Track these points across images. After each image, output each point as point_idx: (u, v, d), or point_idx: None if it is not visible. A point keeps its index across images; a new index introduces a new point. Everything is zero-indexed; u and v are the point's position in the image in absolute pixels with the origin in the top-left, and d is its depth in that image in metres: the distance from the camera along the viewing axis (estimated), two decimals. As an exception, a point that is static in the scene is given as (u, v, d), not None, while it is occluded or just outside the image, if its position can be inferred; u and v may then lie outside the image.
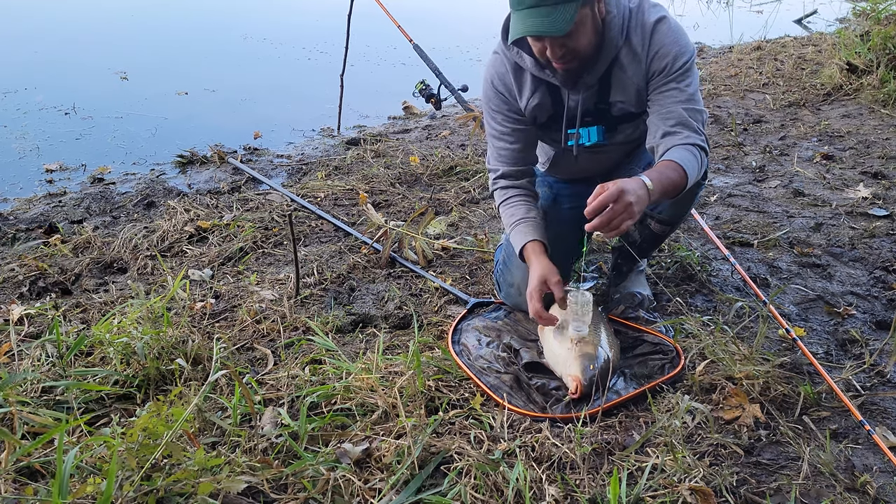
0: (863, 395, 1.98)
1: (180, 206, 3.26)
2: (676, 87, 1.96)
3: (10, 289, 2.58)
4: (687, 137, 1.92)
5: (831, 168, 3.85)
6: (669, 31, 1.95)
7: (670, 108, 1.95)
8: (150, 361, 1.93)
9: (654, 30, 1.94)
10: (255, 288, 2.50)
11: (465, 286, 2.58)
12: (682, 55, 1.95)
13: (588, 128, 2.12)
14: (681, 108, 1.95)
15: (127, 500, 1.40)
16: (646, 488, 1.58)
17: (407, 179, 3.72)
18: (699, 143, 1.93)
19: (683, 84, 1.96)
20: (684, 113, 1.94)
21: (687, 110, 1.95)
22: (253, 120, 4.94)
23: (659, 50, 1.94)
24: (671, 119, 1.95)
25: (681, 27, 1.99)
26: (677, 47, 1.94)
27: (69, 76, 5.85)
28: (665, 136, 1.94)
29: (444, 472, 1.63)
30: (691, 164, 1.86)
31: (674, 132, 1.93)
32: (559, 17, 1.76)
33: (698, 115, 1.97)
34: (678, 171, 1.83)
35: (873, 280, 2.67)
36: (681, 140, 1.92)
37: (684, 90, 1.96)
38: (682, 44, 1.95)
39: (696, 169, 1.88)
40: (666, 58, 1.94)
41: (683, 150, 1.89)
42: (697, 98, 1.99)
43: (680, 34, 1.96)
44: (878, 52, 5.20)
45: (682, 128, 1.94)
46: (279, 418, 1.77)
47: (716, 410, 1.86)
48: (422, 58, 4.38)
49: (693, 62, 1.98)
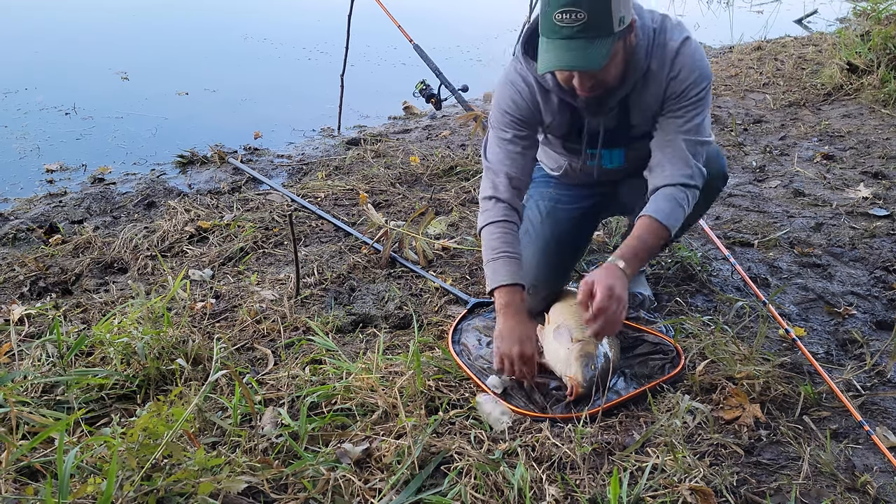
0: (863, 395, 1.98)
1: (181, 207, 3.26)
2: (685, 115, 1.95)
3: (11, 289, 2.59)
4: (677, 176, 1.93)
5: (832, 168, 3.85)
6: (692, 56, 1.91)
7: (671, 139, 1.96)
8: (150, 361, 1.93)
9: (677, 52, 1.90)
10: (255, 288, 2.50)
11: (466, 286, 2.58)
12: (700, 82, 1.92)
13: (610, 150, 2.10)
14: (682, 139, 1.95)
15: (127, 499, 1.40)
16: (646, 488, 1.58)
17: (407, 179, 3.72)
18: (688, 181, 1.94)
19: (693, 113, 1.94)
20: (683, 145, 1.95)
21: (688, 142, 1.95)
22: (253, 120, 4.94)
23: (679, 74, 1.91)
24: (668, 149, 1.96)
25: (702, 51, 1.95)
26: (696, 73, 1.91)
27: (70, 76, 5.85)
28: (658, 167, 1.96)
29: (444, 472, 1.63)
30: (674, 214, 1.92)
31: (666, 166, 1.95)
32: (595, 53, 1.72)
33: (699, 147, 1.97)
34: (658, 232, 1.91)
35: (874, 280, 2.67)
36: (669, 179, 1.93)
37: (692, 119, 1.95)
38: (702, 70, 1.92)
39: (679, 217, 1.93)
40: (684, 83, 1.91)
41: (668, 198, 1.93)
42: (704, 127, 1.97)
43: (701, 59, 1.93)
44: (879, 52, 5.20)
45: (677, 161, 1.94)
46: (279, 418, 1.77)
47: (716, 410, 1.86)
48: (422, 58, 4.38)
49: (709, 89, 1.96)
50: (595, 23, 1.69)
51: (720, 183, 2.22)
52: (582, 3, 1.67)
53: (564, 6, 1.69)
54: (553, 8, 1.70)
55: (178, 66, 6.25)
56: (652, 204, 1.95)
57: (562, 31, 1.71)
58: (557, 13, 1.70)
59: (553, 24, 1.72)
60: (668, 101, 1.96)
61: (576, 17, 1.68)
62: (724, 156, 2.23)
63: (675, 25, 1.94)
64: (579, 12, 1.68)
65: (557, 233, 2.28)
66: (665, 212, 1.92)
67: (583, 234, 2.40)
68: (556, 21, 1.71)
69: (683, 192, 1.95)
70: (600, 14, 1.69)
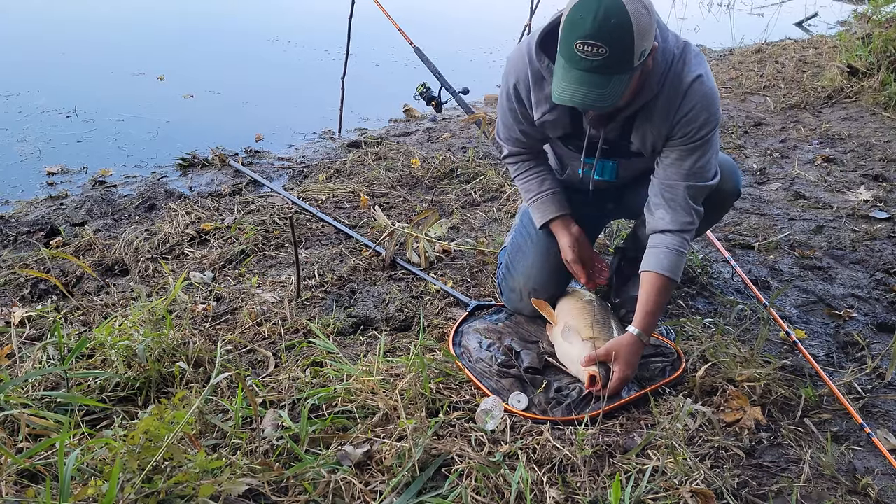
0: (864, 397, 1.98)
1: (181, 209, 3.27)
2: (690, 156, 1.92)
3: (12, 291, 2.59)
4: (678, 223, 1.96)
5: (832, 171, 3.86)
6: (704, 95, 1.86)
7: (673, 184, 1.95)
8: (151, 364, 1.93)
9: (689, 89, 1.85)
10: (256, 290, 2.50)
11: (466, 289, 2.58)
12: (708, 124, 1.88)
13: (603, 161, 2.08)
14: (683, 185, 1.94)
15: (128, 502, 1.40)
16: (647, 491, 1.58)
17: (408, 182, 3.72)
18: (688, 227, 1.97)
19: (698, 154, 1.92)
20: (685, 192, 1.95)
21: (689, 188, 1.94)
22: (254, 122, 4.95)
23: (688, 114, 1.86)
24: (668, 193, 1.97)
25: (716, 91, 1.90)
26: (706, 114, 1.87)
27: (71, 79, 5.86)
28: (658, 210, 1.99)
29: (445, 475, 1.63)
30: (678, 264, 1.97)
31: (667, 210, 1.97)
32: (612, 91, 1.68)
33: (699, 190, 1.96)
34: (668, 287, 1.98)
35: (874, 282, 2.67)
36: (670, 225, 1.97)
37: (697, 161, 1.92)
38: (712, 111, 1.88)
39: (682, 264, 1.99)
40: (692, 124, 1.87)
41: (671, 251, 1.96)
42: (707, 168, 1.95)
43: (713, 99, 1.88)
44: (879, 55, 5.21)
45: (678, 208, 1.96)
46: (280, 421, 1.77)
47: (717, 413, 1.86)
48: (422, 61, 4.39)
49: (716, 130, 1.93)
50: (616, 59, 1.63)
51: (732, 199, 2.22)
52: (605, 39, 1.60)
53: (587, 39, 1.61)
54: (575, 36, 1.63)
55: (182, 68, 6.25)
56: (656, 258, 1.97)
57: (581, 63, 1.65)
58: (579, 43, 1.62)
59: (573, 52, 1.65)
60: (672, 138, 1.92)
61: (597, 51, 1.61)
62: (739, 171, 2.21)
63: (694, 57, 1.88)
64: (601, 48, 1.61)
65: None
66: (671, 268, 1.96)
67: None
68: (576, 51, 1.64)
69: (683, 238, 1.98)
70: (622, 50, 1.63)
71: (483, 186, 3.58)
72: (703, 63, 1.90)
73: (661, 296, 1.98)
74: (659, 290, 1.96)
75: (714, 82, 1.92)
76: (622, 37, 1.61)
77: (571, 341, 2.00)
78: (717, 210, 2.19)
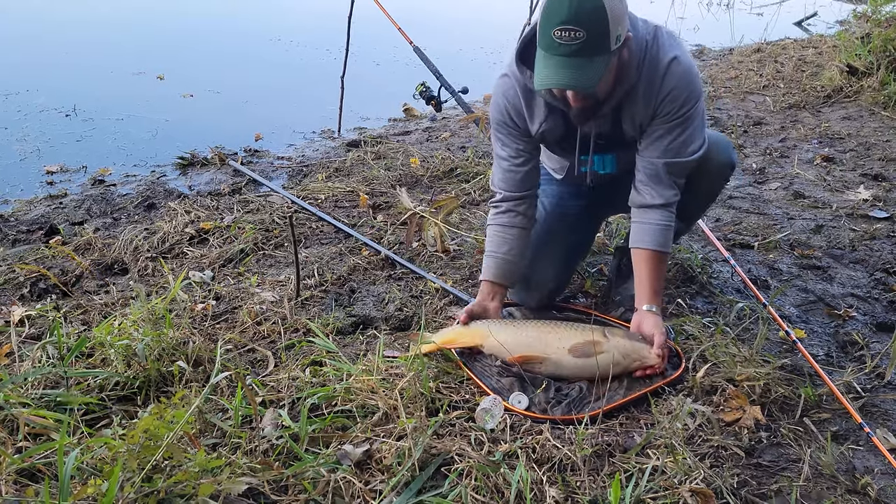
0: (863, 397, 1.98)
1: (181, 208, 3.27)
2: (671, 133, 1.98)
3: (11, 290, 2.59)
4: (661, 196, 2.04)
5: (832, 170, 3.86)
6: (682, 74, 1.92)
7: (654, 160, 2.02)
8: (150, 363, 1.93)
9: (667, 70, 1.91)
10: (255, 289, 2.50)
11: (466, 287, 2.58)
12: (689, 101, 1.94)
13: (602, 155, 2.14)
14: (663, 162, 2.01)
15: (128, 500, 1.40)
16: (646, 490, 1.58)
17: (407, 181, 3.72)
18: (671, 199, 2.05)
19: (678, 130, 1.98)
20: (664, 167, 2.01)
21: (668, 164, 2.01)
22: (253, 122, 4.95)
23: (669, 93, 1.92)
24: (650, 169, 2.03)
25: (693, 67, 1.96)
26: (686, 92, 1.93)
27: (70, 78, 5.86)
28: (642, 186, 2.06)
29: (444, 474, 1.63)
30: (667, 237, 2.07)
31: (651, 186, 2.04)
32: (592, 73, 1.74)
33: (680, 166, 2.02)
34: (663, 260, 2.09)
35: (874, 282, 2.67)
36: (654, 199, 2.04)
37: (677, 137, 1.98)
38: (692, 89, 1.94)
39: (671, 236, 2.09)
40: (674, 103, 1.93)
41: (658, 226, 2.05)
42: (688, 142, 2.00)
43: (691, 77, 1.94)
44: (879, 55, 5.21)
45: (659, 184, 2.03)
46: (280, 420, 1.77)
47: (716, 412, 1.86)
48: (422, 60, 4.39)
49: (698, 106, 1.98)
50: (593, 42, 1.70)
51: (728, 171, 2.24)
52: (581, 22, 1.67)
53: (564, 24, 1.69)
54: (552, 24, 1.70)
55: (182, 67, 6.25)
56: (649, 235, 2.06)
57: (560, 49, 1.72)
58: (557, 30, 1.70)
59: (552, 40, 1.72)
60: (656, 117, 1.98)
61: (575, 35, 1.69)
62: (732, 146, 2.26)
63: (667, 38, 1.94)
64: (578, 31, 1.68)
65: (558, 228, 2.29)
66: (664, 243, 2.06)
67: (585, 230, 2.41)
68: (554, 38, 1.71)
69: (669, 212, 2.06)
70: (599, 34, 1.69)
71: (482, 186, 3.58)
72: (677, 42, 1.96)
73: (661, 270, 2.10)
74: (658, 266, 2.08)
75: (691, 58, 1.98)
76: (598, 19, 1.68)
77: (587, 350, 1.96)
78: (716, 182, 2.25)
